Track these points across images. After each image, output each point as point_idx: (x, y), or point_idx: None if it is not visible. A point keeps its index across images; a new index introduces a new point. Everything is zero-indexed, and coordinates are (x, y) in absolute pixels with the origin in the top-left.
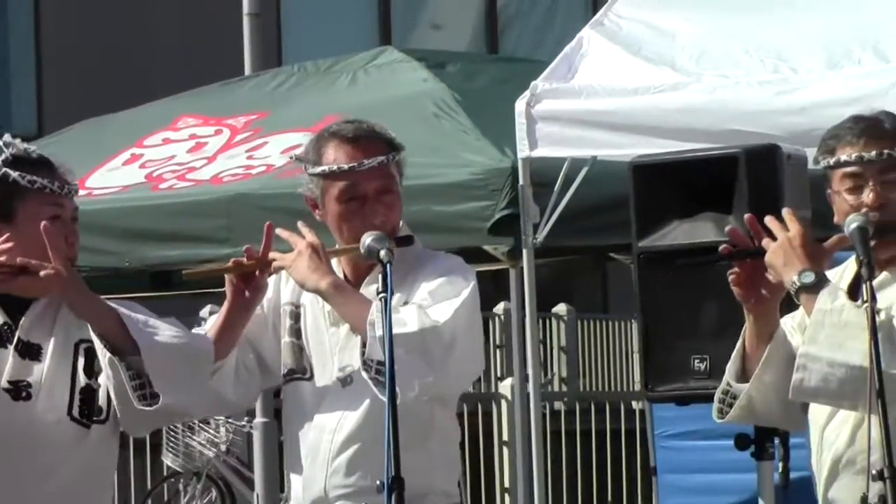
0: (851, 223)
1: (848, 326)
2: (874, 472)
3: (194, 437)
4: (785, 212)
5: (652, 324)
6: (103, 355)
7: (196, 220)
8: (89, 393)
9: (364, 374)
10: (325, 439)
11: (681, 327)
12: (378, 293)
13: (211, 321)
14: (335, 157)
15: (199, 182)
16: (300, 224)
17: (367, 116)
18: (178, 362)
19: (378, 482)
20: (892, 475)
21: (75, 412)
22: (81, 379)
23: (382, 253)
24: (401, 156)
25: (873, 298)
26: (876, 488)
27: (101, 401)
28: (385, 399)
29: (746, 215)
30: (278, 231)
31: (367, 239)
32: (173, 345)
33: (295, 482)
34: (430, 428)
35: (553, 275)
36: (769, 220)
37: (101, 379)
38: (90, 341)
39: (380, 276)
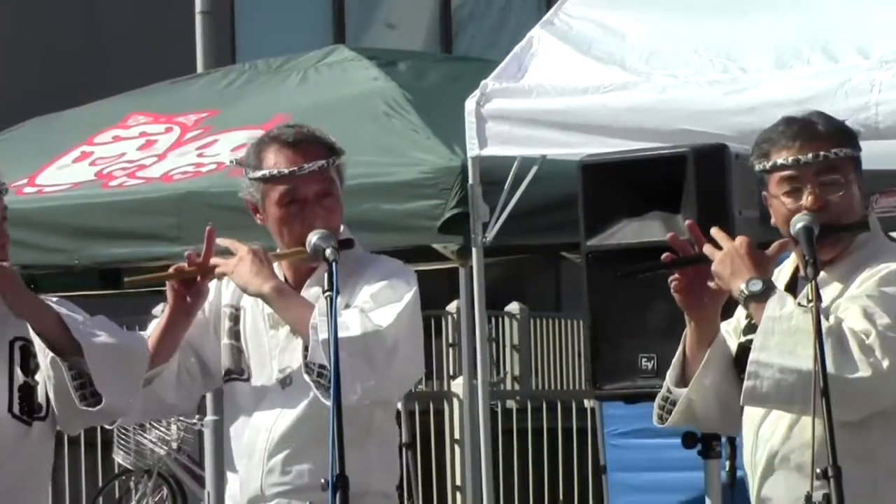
0: (798, 223)
1: (798, 332)
2: (818, 470)
3: (145, 435)
4: (713, 231)
5: (600, 322)
6: (45, 355)
7: (146, 218)
8: (27, 390)
9: (306, 377)
10: (261, 438)
11: (629, 326)
12: (324, 292)
13: (153, 325)
14: (275, 161)
15: (150, 180)
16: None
17: (317, 115)
18: (118, 363)
19: (323, 480)
20: (837, 474)
21: (16, 409)
22: (19, 376)
23: (328, 252)
24: (341, 160)
25: (818, 298)
26: (817, 486)
27: (41, 398)
28: (325, 402)
29: (687, 221)
30: (220, 241)
31: (313, 238)
32: (113, 345)
33: (232, 481)
34: (369, 429)
35: (506, 273)
36: (715, 232)
37: (39, 376)
38: (24, 339)
39: (323, 277)
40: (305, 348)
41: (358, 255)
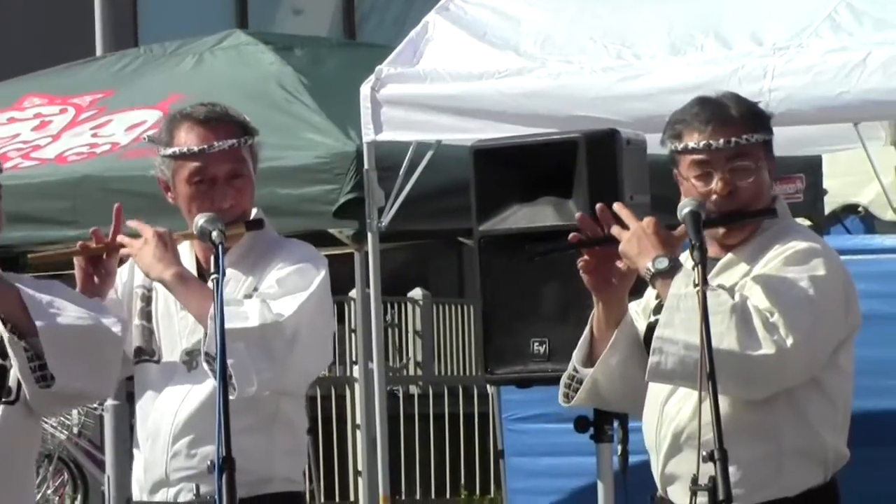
0: (684, 208)
1: None
2: (705, 453)
3: (46, 420)
4: (617, 206)
5: (492, 307)
6: (5, 335)
7: (41, 202)
8: (0, 372)
9: (205, 367)
10: (166, 421)
11: (521, 310)
12: (209, 275)
13: None
14: (186, 139)
15: (44, 161)
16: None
17: (212, 98)
18: (81, 345)
19: (209, 462)
20: (723, 456)
21: None
22: None
23: (214, 234)
24: (254, 140)
25: (705, 282)
26: (705, 469)
27: (12, 381)
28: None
29: (598, 205)
30: (129, 223)
31: (200, 220)
32: (76, 326)
33: (137, 463)
34: (275, 416)
35: (409, 259)
36: (619, 208)
37: None
38: None
39: (233, 260)
40: (206, 336)
41: (271, 237)
